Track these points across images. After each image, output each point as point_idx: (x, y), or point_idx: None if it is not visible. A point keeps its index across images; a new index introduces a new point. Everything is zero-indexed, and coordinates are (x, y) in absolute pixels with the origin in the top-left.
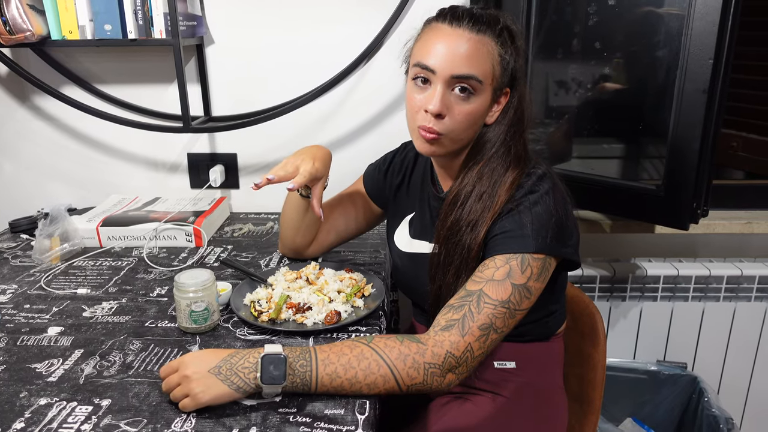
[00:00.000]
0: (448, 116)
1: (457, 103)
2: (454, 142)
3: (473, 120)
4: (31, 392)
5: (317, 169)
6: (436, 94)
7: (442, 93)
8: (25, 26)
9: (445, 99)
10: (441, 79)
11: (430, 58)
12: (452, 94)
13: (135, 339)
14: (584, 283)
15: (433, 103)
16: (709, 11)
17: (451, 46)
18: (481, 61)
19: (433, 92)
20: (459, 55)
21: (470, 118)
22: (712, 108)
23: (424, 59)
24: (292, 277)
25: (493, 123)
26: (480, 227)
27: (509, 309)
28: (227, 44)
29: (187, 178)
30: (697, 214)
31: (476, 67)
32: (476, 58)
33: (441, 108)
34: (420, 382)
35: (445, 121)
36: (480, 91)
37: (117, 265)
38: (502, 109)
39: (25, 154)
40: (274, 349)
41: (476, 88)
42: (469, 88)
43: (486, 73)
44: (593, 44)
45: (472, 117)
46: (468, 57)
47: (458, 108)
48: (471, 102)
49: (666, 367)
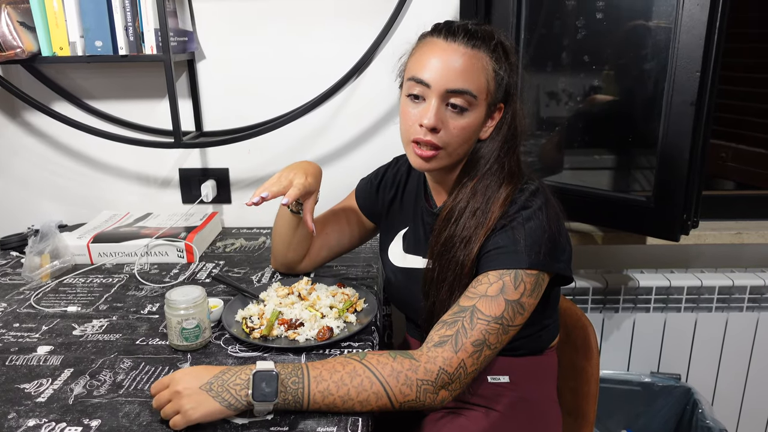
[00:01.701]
0: (444, 130)
1: (451, 117)
2: (450, 157)
3: (468, 135)
4: (20, 413)
5: (310, 183)
6: (431, 108)
7: (437, 107)
8: (16, 43)
9: (439, 113)
10: (436, 93)
11: (425, 72)
12: (447, 108)
13: (125, 357)
14: (576, 295)
15: (428, 117)
16: (695, 25)
17: (446, 61)
18: (476, 76)
19: (428, 107)
20: (454, 70)
21: (465, 132)
22: (700, 119)
23: (419, 73)
24: (284, 292)
25: (487, 139)
26: (473, 243)
27: (502, 325)
28: (218, 59)
29: (178, 194)
30: (688, 225)
31: (471, 82)
32: (471, 72)
33: (436, 122)
34: (413, 399)
35: (441, 135)
36: (474, 105)
37: (108, 282)
38: (496, 124)
39: (15, 170)
40: (265, 365)
41: (471, 103)
42: (464, 103)
43: (480, 87)
44: (582, 57)
45: (467, 132)
46: (463, 71)
47: (453, 122)
48: (465, 117)
49: (660, 379)
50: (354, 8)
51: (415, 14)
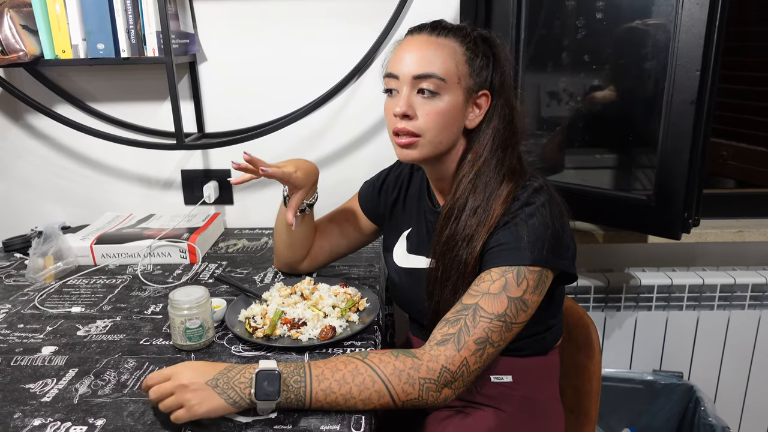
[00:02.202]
0: (419, 117)
1: (424, 103)
2: (432, 145)
3: (446, 120)
4: (25, 413)
5: (297, 177)
6: (402, 96)
7: (408, 95)
8: (18, 46)
9: (410, 100)
10: (405, 82)
11: (394, 67)
12: (417, 96)
13: (129, 357)
14: (578, 293)
15: (399, 105)
16: (694, 23)
17: (412, 51)
18: (442, 60)
19: (399, 96)
20: (418, 57)
21: (441, 117)
22: (700, 118)
23: (390, 68)
24: (287, 292)
25: (477, 129)
26: (476, 241)
27: (505, 322)
28: (220, 61)
29: (181, 195)
30: (689, 223)
31: (436, 66)
32: (436, 57)
33: (406, 108)
34: (415, 398)
35: (416, 123)
36: (445, 89)
37: (111, 283)
38: (485, 114)
39: (19, 172)
40: (268, 365)
41: (440, 87)
42: (432, 87)
43: (449, 71)
44: (582, 57)
45: (443, 116)
46: (427, 57)
47: (426, 108)
48: (438, 101)
49: (662, 377)
50: (354, 10)
51: (415, 16)
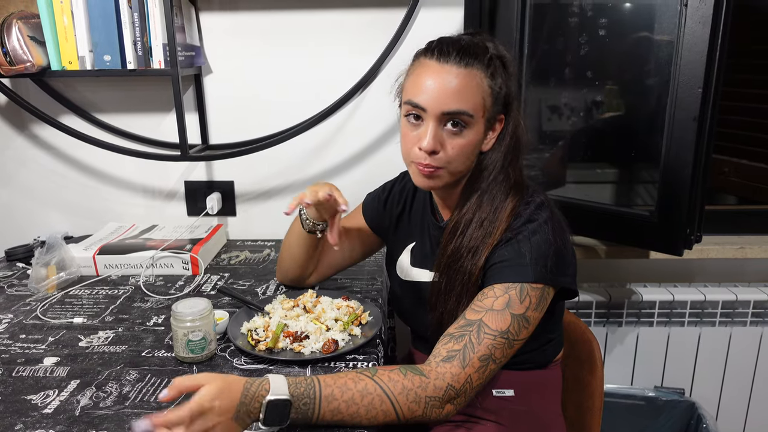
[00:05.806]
0: (442, 151)
1: (449, 137)
2: (452, 175)
3: (468, 152)
4: (27, 424)
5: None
6: (428, 131)
7: (434, 130)
8: (26, 57)
9: (437, 136)
10: (432, 116)
11: (420, 96)
12: (444, 129)
13: (131, 369)
14: (580, 308)
15: (426, 141)
16: (697, 42)
17: (440, 83)
18: (471, 95)
19: (425, 130)
20: (448, 92)
21: (465, 150)
22: (702, 135)
23: (415, 97)
24: (290, 305)
25: (490, 150)
26: (481, 253)
27: (508, 339)
28: (225, 74)
29: (184, 206)
30: (691, 240)
31: (466, 102)
32: (465, 92)
33: (434, 145)
34: (420, 415)
35: (440, 156)
36: (472, 124)
37: (113, 293)
38: (498, 135)
39: (23, 181)
40: (279, 389)
41: (468, 122)
42: (461, 123)
43: (476, 106)
44: (585, 72)
45: (466, 149)
46: (457, 93)
47: (451, 142)
48: (464, 136)
49: (664, 393)
50: (359, 24)
51: (420, 30)
